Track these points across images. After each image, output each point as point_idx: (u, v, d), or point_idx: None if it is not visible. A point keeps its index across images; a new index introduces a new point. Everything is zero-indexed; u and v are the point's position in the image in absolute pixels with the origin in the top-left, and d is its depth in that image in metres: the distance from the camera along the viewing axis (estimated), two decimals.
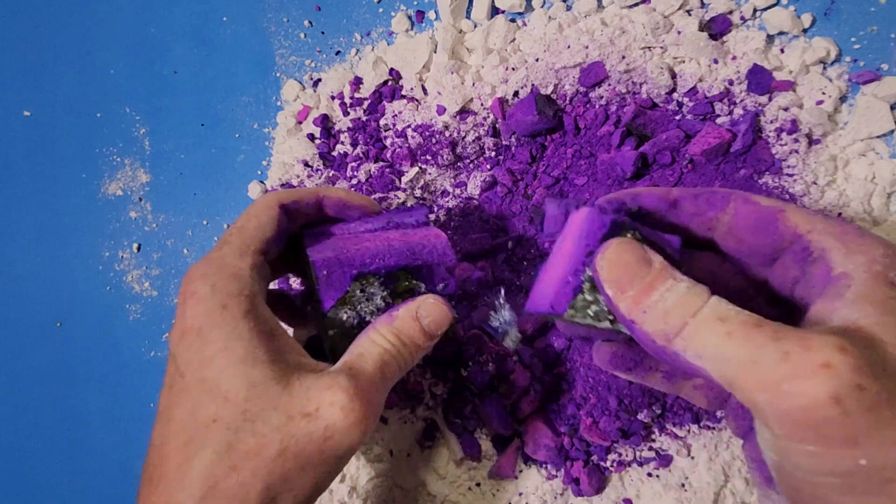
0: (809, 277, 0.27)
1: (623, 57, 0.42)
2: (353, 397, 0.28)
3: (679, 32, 0.41)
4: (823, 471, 0.22)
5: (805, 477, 0.23)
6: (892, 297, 0.23)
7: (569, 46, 0.42)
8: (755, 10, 0.41)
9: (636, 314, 0.26)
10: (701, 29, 0.41)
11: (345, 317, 0.33)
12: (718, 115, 0.41)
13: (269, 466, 0.27)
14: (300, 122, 0.49)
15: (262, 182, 0.50)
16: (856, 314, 0.23)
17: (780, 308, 0.30)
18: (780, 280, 0.29)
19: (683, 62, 0.41)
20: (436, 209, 0.45)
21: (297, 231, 0.36)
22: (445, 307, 0.33)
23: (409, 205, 0.45)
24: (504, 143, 0.44)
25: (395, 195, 0.45)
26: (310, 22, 0.49)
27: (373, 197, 0.45)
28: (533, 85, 0.43)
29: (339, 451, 0.28)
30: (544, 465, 0.43)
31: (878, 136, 0.39)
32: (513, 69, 0.44)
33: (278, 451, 0.27)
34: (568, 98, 0.43)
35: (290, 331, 0.41)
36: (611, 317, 0.29)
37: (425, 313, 0.32)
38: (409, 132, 0.45)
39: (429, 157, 0.45)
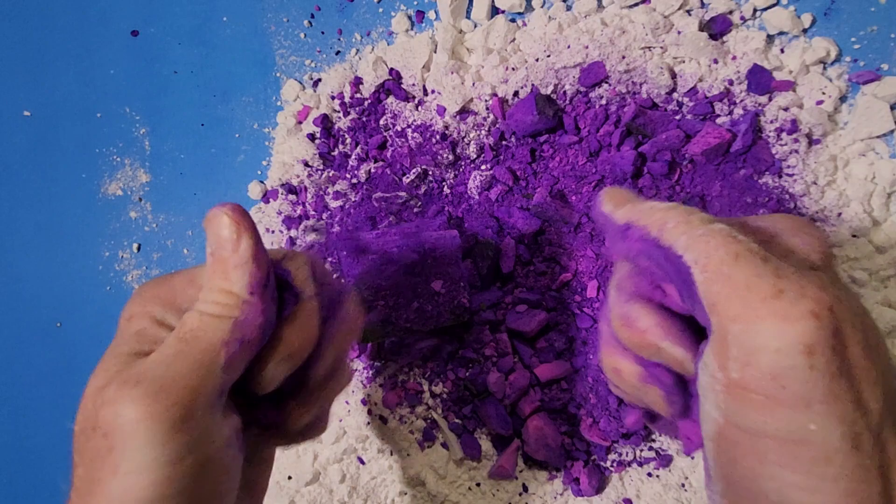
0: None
1: (623, 57, 0.42)
2: (116, 377, 0.23)
3: (679, 32, 0.41)
4: (770, 429, 0.21)
5: (746, 440, 0.22)
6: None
7: (569, 46, 0.42)
8: (755, 10, 0.41)
9: (634, 214, 0.26)
10: (701, 29, 0.41)
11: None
12: (718, 115, 0.41)
13: None
14: (300, 122, 0.49)
15: (261, 182, 0.50)
16: None
17: None
18: None
19: (683, 62, 0.41)
20: (434, 209, 0.45)
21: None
22: (224, 211, 0.26)
23: (415, 206, 0.46)
24: (504, 142, 0.44)
25: (395, 195, 0.45)
26: (310, 22, 0.49)
27: (374, 196, 0.45)
28: (533, 85, 0.43)
29: (132, 462, 0.22)
30: (544, 465, 0.43)
31: (878, 136, 0.39)
32: (513, 69, 0.44)
33: (86, 487, 0.23)
34: (568, 98, 0.43)
35: None
36: None
37: (210, 239, 0.26)
38: (409, 132, 0.45)
39: (429, 157, 0.45)
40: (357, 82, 0.47)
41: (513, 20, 0.45)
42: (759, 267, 0.22)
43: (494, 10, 0.45)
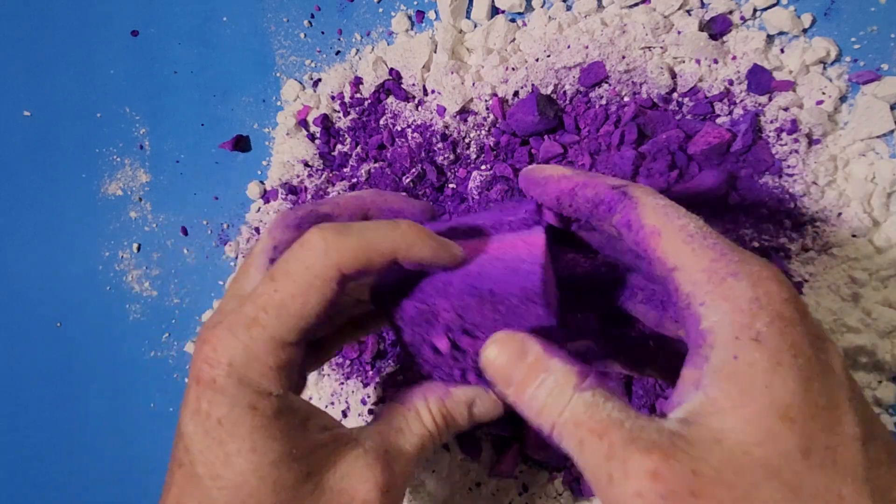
0: (682, 321, 0.24)
1: (623, 57, 0.42)
2: (387, 490, 0.27)
3: (679, 32, 0.41)
4: None
5: None
6: (753, 362, 0.21)
7: (569, 46, 0.42)
8: (755, 10, 0.41)
9: (521, 408, 0.26)
10: (701, 29, 0.41)
11: None
12: (718, 115, 0.41)
13: None
14: (300, 122, 0.49)
15: (261, 182, 0.50)
16: (714, 391, 0.22)
17: None
18: (646, 318, 0.29)
19: (683, 62, 0.41)
20: (435, 208, 0.45)
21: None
22: (500, 404, 0.30)
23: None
24: (504, 143, 0.44)
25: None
26: (310, 22, 0.49)
27: None
28: (533, 85, 0.43)
29: None
30: (544, 466, 0.43)
31: (878, 136, 0.39)
32: (513, 69, 0.44)
33: None
34: (568, 98, 0.43)
35: None
36: None
37: (480, 404, 0.30)
38: (409, 132, 0.45)
39: (429, 157, 0.45)
40: (357, 82, 0.47)
41: (513, 20, 0.45)
42: (597, 451, 0.23)
43: (494, 10, 0.45)
